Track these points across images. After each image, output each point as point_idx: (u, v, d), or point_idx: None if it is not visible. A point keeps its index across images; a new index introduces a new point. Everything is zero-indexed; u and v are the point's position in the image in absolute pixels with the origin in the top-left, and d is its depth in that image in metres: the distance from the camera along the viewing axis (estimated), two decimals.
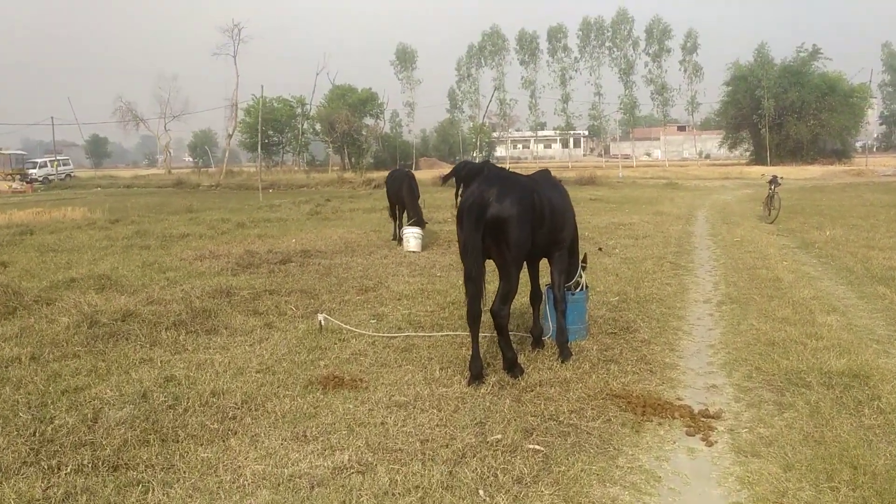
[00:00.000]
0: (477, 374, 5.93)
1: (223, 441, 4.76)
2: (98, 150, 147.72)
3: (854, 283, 10.15)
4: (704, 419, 5.29)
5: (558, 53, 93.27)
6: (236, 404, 5.37)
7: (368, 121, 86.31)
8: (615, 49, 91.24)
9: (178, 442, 4.74)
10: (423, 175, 25.79)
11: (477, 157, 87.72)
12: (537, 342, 7.04)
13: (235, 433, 4.88)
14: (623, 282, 10.38)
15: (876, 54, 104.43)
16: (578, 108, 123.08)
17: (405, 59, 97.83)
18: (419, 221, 14.07)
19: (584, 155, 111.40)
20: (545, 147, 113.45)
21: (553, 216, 6.36)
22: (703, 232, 17.12)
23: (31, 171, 54.20)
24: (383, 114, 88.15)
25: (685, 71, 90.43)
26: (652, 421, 5.22)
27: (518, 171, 7.10)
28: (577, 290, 7.35)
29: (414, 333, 7.49)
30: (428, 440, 4.78)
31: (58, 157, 60.34)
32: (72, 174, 58.21)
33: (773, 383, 5.94)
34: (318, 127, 79.47)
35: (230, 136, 53.39)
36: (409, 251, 13.82)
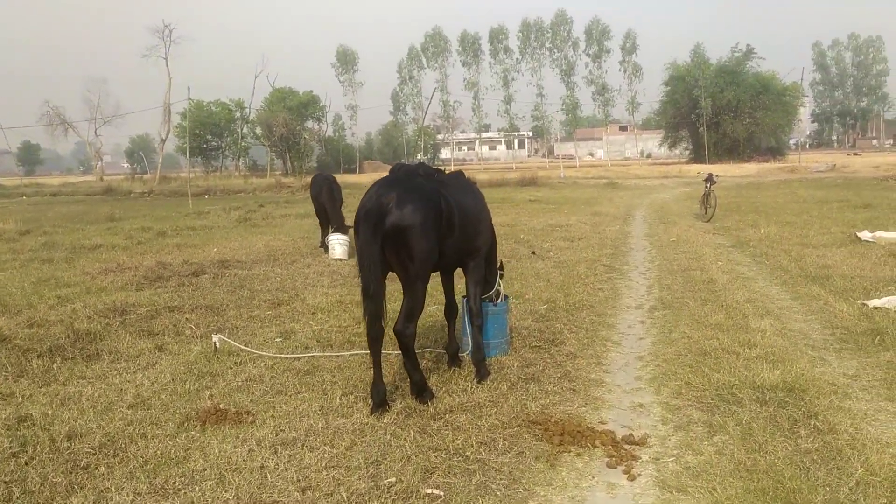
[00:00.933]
0: (380, 402, 5.30)
1: (64, 500, 4.02)
2: (30, 157, 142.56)
3: (788, 283, 9.84)
4: (628, 446, 4.75)
5: (500, 55, 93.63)
6: (93, 449, 4.61)
7: (311, 124, 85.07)
8: (556, 50, 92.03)
9: (9, 502, 3.98)
10: (367, 178, 24.88)
11: (421, 159, 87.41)
12: (453, 360, 6.45)
13: (81, 488, 4.13)
14: (553, 288, 9.87)
15: (807, 54, 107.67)
16: (521, 109, 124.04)
17: (346, 61, 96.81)
18: (341, 227, 13.38)
19: (529, 156, 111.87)
20: (490, 149, 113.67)
21: (465, 223, 5.77)
22: (640, 232, 16.82)
23: None
24: (325, 117, 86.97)
25: (625, 71, 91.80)
26: (570, 451, 4.65)
27: (464, 172, 6.50)
28: (498, 301, 6.79)
29: (319, 354, 6.81)
30: (310, 487, 4.12)
31: None
32: None
33: (703, 400, 5.45)
34: (258, 131, 77.80)
35: (163, 141, 51.65)
36: (335, 259, 13.12)
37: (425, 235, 5.17)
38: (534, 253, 13.17)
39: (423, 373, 5.70)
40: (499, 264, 6.86)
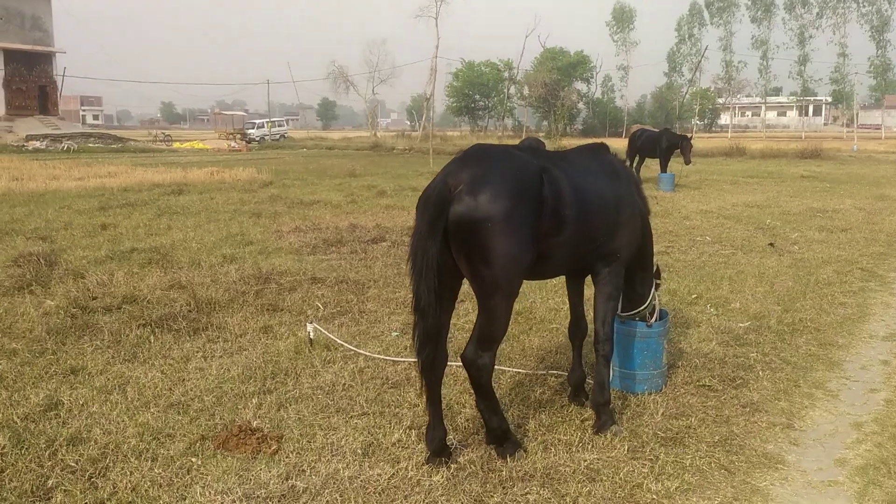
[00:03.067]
0: (438, 450, 3.96)
1: None
2: (327, 112, 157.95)
3: None
4: None
5: (796, 8, 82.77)
6: (76, 464, 3.86)
7: (579, 85, 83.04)
8: (865, 3, 79.26)
9: None
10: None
11: (697, 125, 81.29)
12: (576, 394, 4.87)
13: None
14: (773, 297, 7.63)
15: None
16: (819, 71, 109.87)
17: (622, 19, 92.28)
18: None
19: (826, 124, 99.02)
20: (779, 115, 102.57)
21: (590, 215, 4.14)
22: None
23: (249, 131, 57.99)
24: (594, 78, 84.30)
25: None
26: None
27: (607, 145, 4.87)
28: (653, 321, 5.04)
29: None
30: None
31: (273, 119, 64.18)
32: (285, 135, 61.38)
33: None
34: (525, 91, 77.57)
35: (428, 100, 53.11)
36: None
37: (509, 232, 3.67)
38: (771, 245, 10.67)
39: (506, 416, 4.25)
40: (655, 270, 5.10)
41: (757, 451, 4.21)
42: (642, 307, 4.99)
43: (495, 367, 5.27)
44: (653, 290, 5.04)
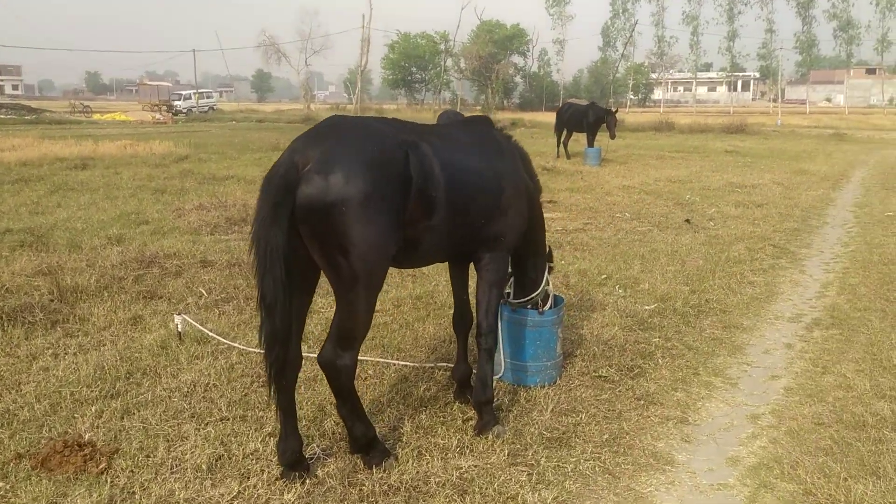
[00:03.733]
0: (292, 463, 3.52)
1: None
2: (262, 84, 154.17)
3: None
4: None
5: None
6: None
7: (516, 59, 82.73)
8: None
9: None
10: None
11: (631, 100, 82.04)
12: (460, 390, 4.49)
13: None
14: (683, 276, 7.42)
15: None
16: (747, 46, 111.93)
17: None
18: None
19: (753, 99, 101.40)
20: (709, 90, 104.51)
21: (468, 196, 3.73)
22: (848, 201, 13.30)
23: (176, 102, 55.77)
24: (531, 51, 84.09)
25: (876, 4, 78.93)
26: None
27: (490, 118, 4.45)
28: (546, 308, 4.69)
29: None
30: None
31: (201, 91, 62.02)
32: (214, 107, 59.40)
33: None
34: (461, 64, 76.80)
35: (361, 72, 52.00)
36: None
37: (367, 216, 3.21)
38: (688, 221, 10.53)
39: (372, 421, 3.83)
40: (548, 253, 4.74)
41: (646, 450, 3.90)
42: (534, 293, 4.63)
43: (379, 360, 4.89)
44: (545, 274, 4.68)
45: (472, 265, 4.24)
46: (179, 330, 5.26)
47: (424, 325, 5.84)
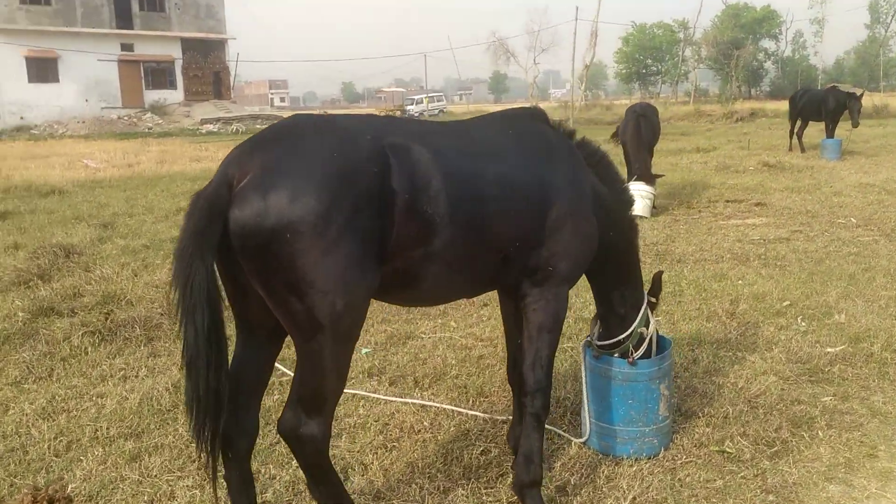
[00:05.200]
0: None
1: None
2: (498, 85, 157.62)
3: None
4: None
5: None
6: None
7: (766, 43, 75.90)
8: None
9: None
10: None
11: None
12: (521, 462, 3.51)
13: None
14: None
15: None
16: None
17: None
18: (644, 175, 10.15)
19: None
20: None
21: (482, 213, 2.80)
22: None
23: (408, 107, 58.28)
24: (784, 34, 76.53)
25: None
26: None
27: (542, 110, 3.51)
28: (638, 354, 3.57)
29: (369, 394, 4.46)
30: None
31: (431, 94, 64.32)
32: (444, 110, 61.30)
33: None
34: (701, 52, 71.94)
35: (587, 67, 50.22)
36: None
37: (324, 245, 2.41)
38: None
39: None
40: (654, 283, 3.61)
41: None
42: (621, 335, 3.53)
43: (432, 404, 4.09)
44: (643, 311, 3.56)
45: None
46: None
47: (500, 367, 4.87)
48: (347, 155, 2.53)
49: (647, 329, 3.60)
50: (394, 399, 4.29)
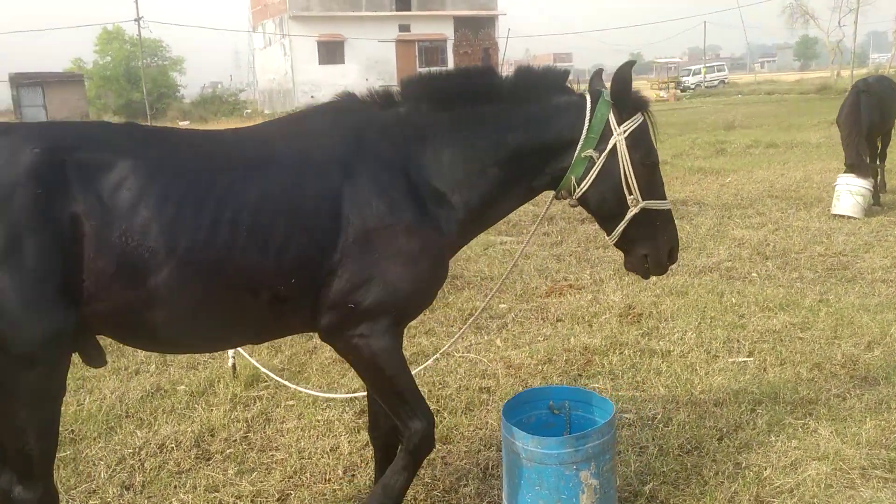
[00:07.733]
0: None
1: None
2: (806, 51, 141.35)
3: None
4: None
5: None
6: None
7: None
8: None
9: None
10: None
11: None
12: None
13: None
14: None
15: None
16: None
17: None
18: (857, 166, 8.24)
19: None
20: None
21: (218, 241, 2.25)
22: None
23: (684, 78, 54.42)
24: None
25: None
26: None
27: None
28: (578, 193, 2.68)
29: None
30: None
31: (709, 65, 59.32)
32: (725, 80, 56.23)
33: None
34: None
35: None
36: (837, 214, 8.28)
37: None
38: None
39: None
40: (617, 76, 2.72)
41: None
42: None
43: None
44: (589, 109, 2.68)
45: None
46: (236, 369, 4.62)
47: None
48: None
49: (599, 152, 2.62)
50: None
